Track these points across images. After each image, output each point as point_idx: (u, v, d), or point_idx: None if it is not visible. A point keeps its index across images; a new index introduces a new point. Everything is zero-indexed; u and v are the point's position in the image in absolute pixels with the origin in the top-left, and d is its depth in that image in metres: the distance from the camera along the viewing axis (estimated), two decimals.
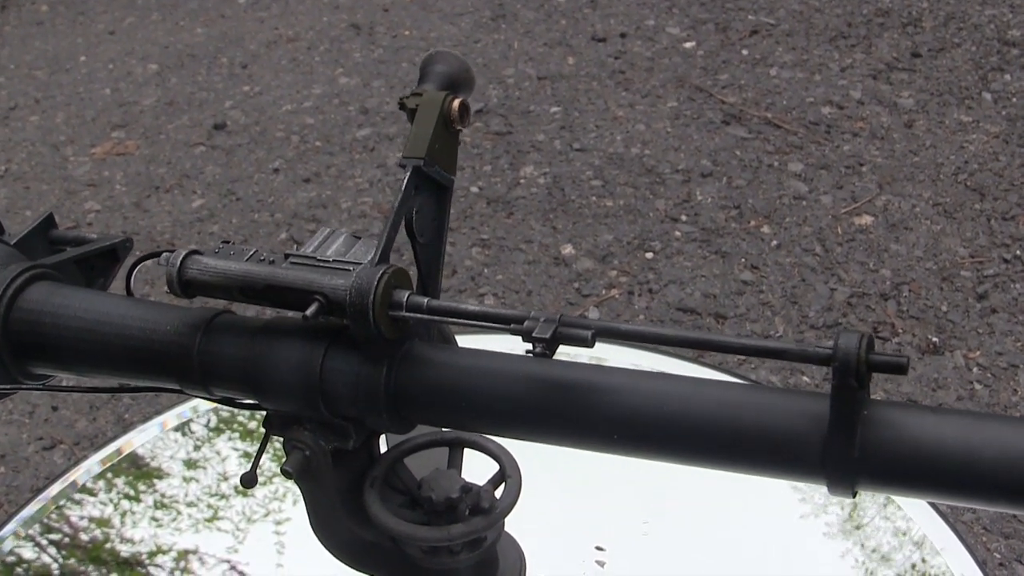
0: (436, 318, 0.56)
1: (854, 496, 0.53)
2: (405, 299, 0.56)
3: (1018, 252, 2.41)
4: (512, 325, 0.54)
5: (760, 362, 2.16)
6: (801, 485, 1.08)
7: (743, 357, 2.12)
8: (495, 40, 3.31)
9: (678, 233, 2.49)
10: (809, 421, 0.52)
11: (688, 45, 3.21)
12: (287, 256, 0.58)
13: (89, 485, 1.15)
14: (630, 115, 2.93)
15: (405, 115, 0.63)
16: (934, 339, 2.21)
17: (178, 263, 0.58)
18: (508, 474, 0.65)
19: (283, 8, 3.63)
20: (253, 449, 1.20)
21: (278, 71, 3.26)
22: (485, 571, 0.68)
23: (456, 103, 0.62)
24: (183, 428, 1.25)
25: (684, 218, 2.54)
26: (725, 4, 3.39)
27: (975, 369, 2.14)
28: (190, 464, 1.19)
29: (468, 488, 0.64)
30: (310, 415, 0.60)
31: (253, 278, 0.57)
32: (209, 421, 1.25)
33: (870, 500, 1.08)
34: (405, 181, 0.60)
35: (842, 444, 0.51)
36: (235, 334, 0.59)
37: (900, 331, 2.22)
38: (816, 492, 1.08)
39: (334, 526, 0.66)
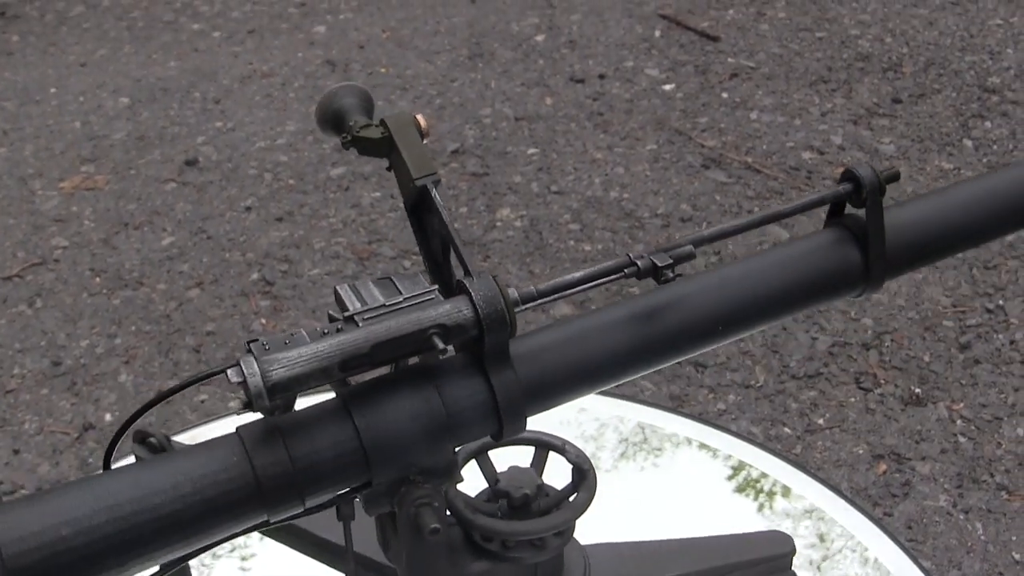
0: (553, 297, 0.59)
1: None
2: (518, 294, 0.58)
3: (1001, 302, 2.38)
4: (626, 271, 0.60)
5: None
6: (767, 510, 1.08)
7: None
8: (472, 79, 3.27)
9: None
10: (844, 249, 0.65)
11: (667, 87, 3.18)
12: (351, 319, 0.55)
13: None
14: (608, 157, 2.89)
15: (354, 149, 0.64)
16: (917, 390, 2.17)
17: (257, 370, 0.51)
18: (564, 448, 0.69)
19: (258, 43, 3.59)
20: None
21: (251, 107, 3.22)
22: (559, 564, 0.71)
23: (422, 118, 0.64)
24: None
25: None
26: (704, 46, 3.37)
27: (959, 421, 2.11)
28: None
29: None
30: (426, 464, 0.57)
31: (357, 345, 0.53)
32: None
33: (836, 533, 1.06)
34: (437, 197, 0.61)
35: (878, 251, 0.65)
36: (319, 425, 0.55)
37: (883, 381, 2.19)
38: (783, 516, 1.07)
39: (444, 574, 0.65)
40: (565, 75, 3.27)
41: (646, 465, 1.14)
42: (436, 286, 0.57)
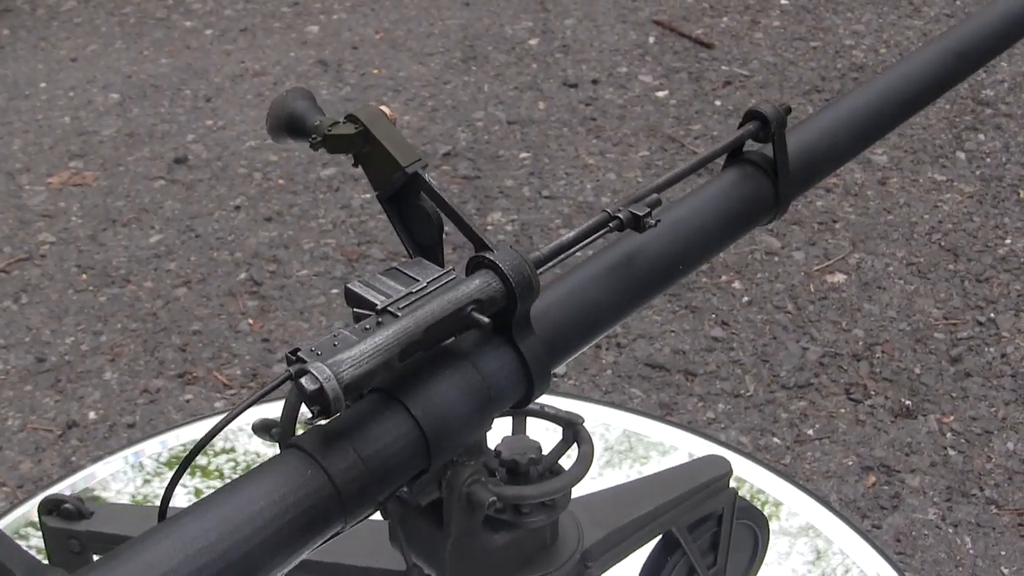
0: (560, 258, 0.63)
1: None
2: (532, 260, 0.60)
3: (992, 315, 2.37)
4: (610, 225, 0.65)
5: None
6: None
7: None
8: (465, 82, 3.26)
9: None
10: (757, 181, 0.73)
11: (661, 94, 3.17)
12: (386, 311, 0.55)
13: (35, 519, 1.11)
14: (601, 163, 2.88)
15: (324, 149, 0.64)
16: (907, 402, 2.16)
17: (331, 373, 0.50)
18: (543, 410, 0.70)
19: (250, 41, 3.57)
20: (205, 485, 1.18)
21: (243, 105, 3.20)
22: (556, 529, 0.73)
23: (387, 108, 0.65)
24: (135, 467, 1.21)
25: None
26: (699, 54, 3.36)
27: (949, 434, 2.10)
28: (137, 503, 1.15)
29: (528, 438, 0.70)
30: (472, 441, 0.59)
31: (410, 333, 0.54)
32: (160, 455, 1.22)
33: (833, 548, 1.05)
34: (431, 180, 0.65)
35: (785, 174, 0.73)
36: (377, 421, 0.54)
37: (873, 393, 2.18)
38: (778, 534, 1.06)
39: (473, 554, 0.66)
40: (558, 80, 3.26)
41: (632, 474, 1.13)
42: (452, 267, 0.59)
